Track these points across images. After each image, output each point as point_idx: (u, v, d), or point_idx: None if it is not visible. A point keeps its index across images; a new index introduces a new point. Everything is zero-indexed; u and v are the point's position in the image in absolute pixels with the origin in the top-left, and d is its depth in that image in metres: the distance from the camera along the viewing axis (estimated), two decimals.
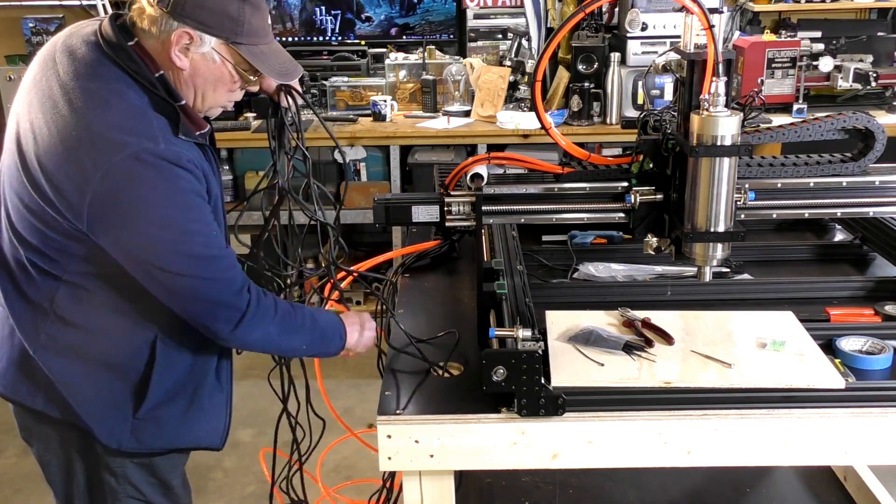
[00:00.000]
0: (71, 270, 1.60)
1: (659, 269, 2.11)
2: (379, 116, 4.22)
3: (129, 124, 1.50)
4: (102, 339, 1.65)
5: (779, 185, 1.90)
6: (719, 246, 1.74)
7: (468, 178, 1.89)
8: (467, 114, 4.23)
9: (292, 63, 1.67)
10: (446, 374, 1.70)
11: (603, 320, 1.83)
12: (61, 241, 1.57)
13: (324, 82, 4.43)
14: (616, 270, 2.11)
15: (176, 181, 1.52)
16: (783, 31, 4.40)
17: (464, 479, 2.47)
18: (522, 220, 1.93)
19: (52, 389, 1.66)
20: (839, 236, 2.41)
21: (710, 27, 1.66)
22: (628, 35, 3.99)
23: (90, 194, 1.48)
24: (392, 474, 1.94)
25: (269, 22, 1.63)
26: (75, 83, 1.53)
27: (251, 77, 1.63)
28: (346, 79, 4.45)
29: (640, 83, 3.95)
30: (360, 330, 1.83)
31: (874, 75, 3.93)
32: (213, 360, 1.78)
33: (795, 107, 4.01)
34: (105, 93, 1.52)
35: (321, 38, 4.66)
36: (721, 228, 1.72)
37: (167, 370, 1.69)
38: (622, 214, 1.88)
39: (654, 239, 1.84)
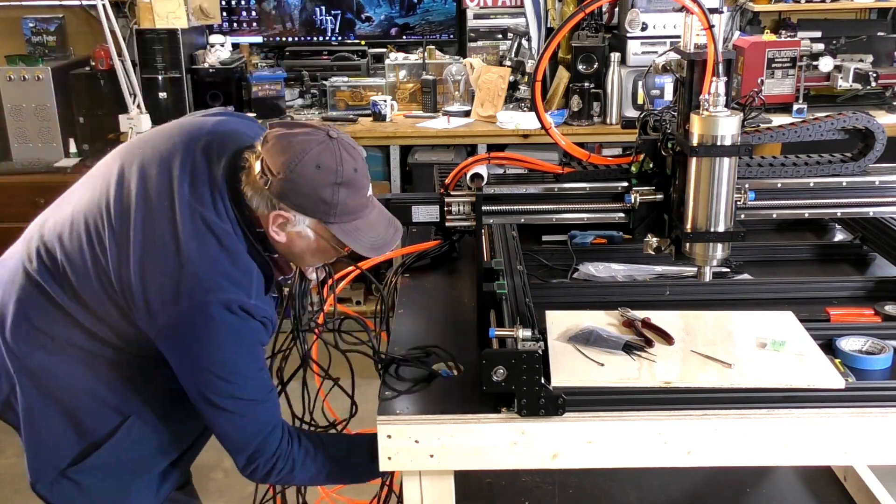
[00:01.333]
0: (99, 335, 1.63)
1: (659, 269, 2.11)
2: (379, 116, 4.21)
3: (233, 272, 1.55)
4: (82, 392, 1.66)
5: (779, 185, 1.90)
6: (719, 246, 1.74)
7: (468, 178, 1.89)
8: (467, 114, 4.23)
9: (388, 231, 1.66)
10: (455, 372, 1.70)
11: (603, 320, 1.83)
12: (111, 313, 1.60)
13: (324, 82, 4.43)
14: (616, 270, 2.11)
15: (251, 333, 1.58)
16: (783, 31, 4.40)
17: (464, 480, 2.47)
18: (522, 220, 1.93)
19: (11, 402, 1.70)
20: (839, 236, 2.41)
21: (710, 27, 1.66)
22: (628, 35, 3.99)
23: (174, 315, 1.52)
24: (392, 474, 1.94)
25: (370, 194, 1.62)
26: (194, 201, 1.56)
27: (343, 250, 1.65)
28: (346, 79, 4.45)
29: (640, 83, 3.94)
30: None
31: (874, 75, 3.93)
32: (162, 463, 1.77)
33: (795, 107, 4.01)
34: (219, 230, 1.56)
35: (321, 38, 4.65)
36: (721, 228, 1.72)
37: (121, 448, 1.69)
38: (622, 214, 1.88)
39: (654, 239, 1.84)
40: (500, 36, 4.57)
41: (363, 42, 4.65)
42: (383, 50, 4.60)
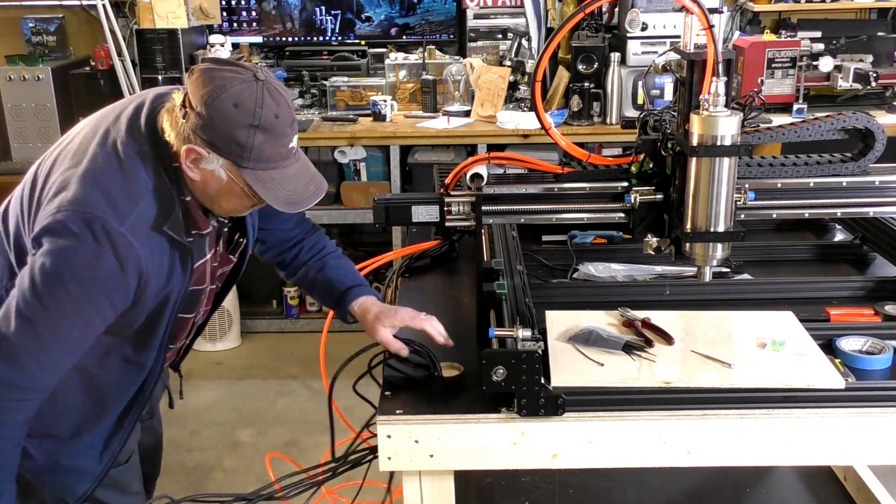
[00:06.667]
0: None
1: (659, 269, 2.11)
2: (379, 116, 4.21)
3: (117, 194, 1.53)
4: None
5: (779, 185, 1.90)
6: (719, 246, 1.74)
7: (468, 178, 1.89)
8: (467, 114, 4.23)
9: (308, 188, 1.59)
10: (453, 374, 1.70)
11: (603, 320, 1.83)
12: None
13: (324, 82, 4.44)
14: (616, 270, 2.11)
15: (98, 267, 1.51)
16: (783, 31, 4.40)
17: (464, 480, 2.47)
18: (522, 220, 1.93)
19: None
20: (839, 236, 2.41)
21: (710, 27, 1.66)
22: (628, 35, 3.99)
23: (44, 221, 1.52)
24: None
25: (292, 145, 1.56)
26: (113, 132, 1.60)
27: (259, 199, 1.59)
28: (346, 79, 4.45)
29: (640, 83, 3.94)
30: None
31: (874, 75, 3.93)
32: (104, 425, 1.74)
33: (795, 107, 4.01)
34: (127, 155, 1.56)
35: (321, 38, 4.65)
36: (721, 228, 1.72)
37: (49, 408, 1.65)
38: (622, 214, 1.88)
39: (654, 239, 1.84)
40: (500, 36, 4.57)
41: (363, 42, 4.65)
42: (383, 50, 4.60)
